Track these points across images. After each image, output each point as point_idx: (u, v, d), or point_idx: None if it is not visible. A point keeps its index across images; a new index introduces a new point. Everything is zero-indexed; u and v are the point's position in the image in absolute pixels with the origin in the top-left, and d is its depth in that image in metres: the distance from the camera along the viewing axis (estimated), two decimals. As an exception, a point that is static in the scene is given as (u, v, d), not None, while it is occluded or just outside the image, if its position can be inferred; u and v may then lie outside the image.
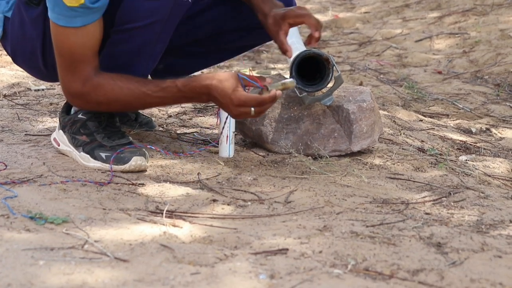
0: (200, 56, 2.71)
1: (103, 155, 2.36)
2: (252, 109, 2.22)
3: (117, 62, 2.31)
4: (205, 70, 3.13)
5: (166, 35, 2.33)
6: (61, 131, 2.47)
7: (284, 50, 2.42)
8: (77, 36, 2.22)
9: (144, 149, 2.39)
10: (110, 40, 2.31)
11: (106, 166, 2.35)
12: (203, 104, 3.15)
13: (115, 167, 2.34)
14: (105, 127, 2.42)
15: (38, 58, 2.44)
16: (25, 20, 2.40)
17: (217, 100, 2.24)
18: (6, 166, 2.32)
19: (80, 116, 2.43)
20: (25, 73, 3.60)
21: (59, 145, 2.48)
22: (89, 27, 2.23)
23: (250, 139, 2.66)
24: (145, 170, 2.37)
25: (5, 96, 3.19)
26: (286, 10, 2.41)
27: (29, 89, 3.32)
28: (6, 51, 2.53)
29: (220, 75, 2.23)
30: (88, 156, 2.38)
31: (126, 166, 2.34)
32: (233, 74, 2.23)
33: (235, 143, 2.56)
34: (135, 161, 2.35)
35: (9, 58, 3.89)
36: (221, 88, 2.22)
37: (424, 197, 2.29)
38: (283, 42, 2.41)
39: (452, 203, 2.24)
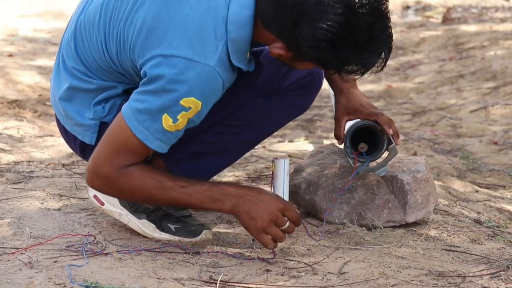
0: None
1: (172, 227, 2.36)
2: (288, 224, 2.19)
3: (207, 149, 2.32)
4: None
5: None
6: None
7: (338, 137, 2.50)
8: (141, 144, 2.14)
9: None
10: (216, 129, 2.30)
11: (175, 238, 2.34)
12: (257, 173, 3.16)
13: (186, 240, 2.34)
14: None
15: None
16: None
17: (248, 203, 2.17)
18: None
19: None
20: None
21: (103, 204, 2.40)
22: None
23: (303, 209, 2.66)
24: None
25: (63, 165, 3.25)
26: (360, 106, 2.49)
27: (87, 158, 3.38)
28: (83, 154, 2.40)
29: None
30: (153, 226, 2.37)
31: (197, 239, 2.35)
32: None
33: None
34: (205, 234, 2.36)
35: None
36: (259, 190, 2.22)
37: (481, 270, 2.25)
38: (340, 129, 2.50)
39: (510, 277, 2.19)
